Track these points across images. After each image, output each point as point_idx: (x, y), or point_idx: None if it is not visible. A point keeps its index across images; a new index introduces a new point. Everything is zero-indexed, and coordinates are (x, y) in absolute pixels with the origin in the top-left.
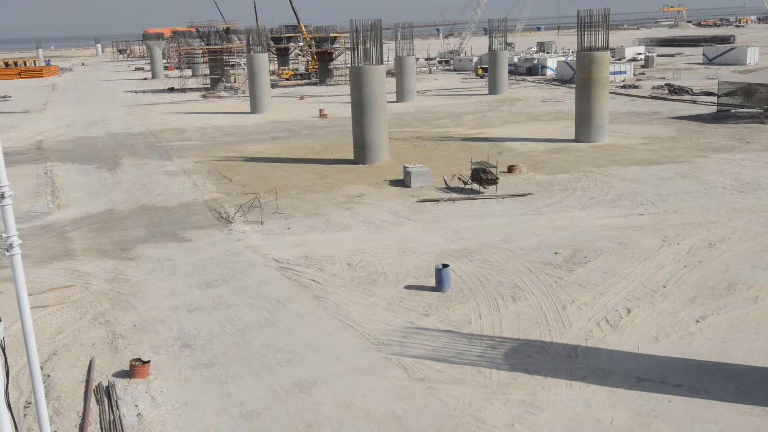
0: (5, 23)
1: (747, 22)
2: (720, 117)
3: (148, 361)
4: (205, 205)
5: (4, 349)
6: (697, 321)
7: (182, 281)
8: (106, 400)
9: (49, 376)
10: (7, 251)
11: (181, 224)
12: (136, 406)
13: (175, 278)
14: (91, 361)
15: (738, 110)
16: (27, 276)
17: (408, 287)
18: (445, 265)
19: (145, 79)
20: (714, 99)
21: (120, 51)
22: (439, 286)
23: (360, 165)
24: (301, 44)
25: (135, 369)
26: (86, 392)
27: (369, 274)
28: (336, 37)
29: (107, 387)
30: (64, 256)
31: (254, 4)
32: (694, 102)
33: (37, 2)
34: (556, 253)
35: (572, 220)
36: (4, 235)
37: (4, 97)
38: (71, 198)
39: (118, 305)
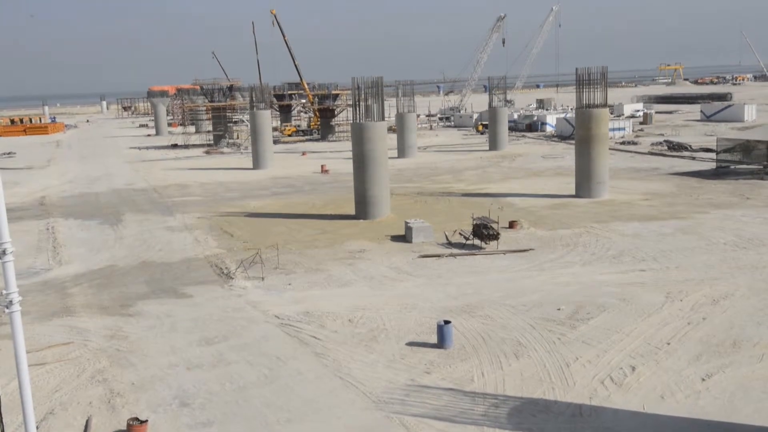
0: (12, 81)
1: (743, 80)
2: (719, 173)
3: (146, 421)
4: (207, 260)
5: None
6: (703, 379)
7: (182, 338)
8: None
9: None
10: (7, 308)
11: (182, 280)
12: None
13: (174, 335)
14: (87, 421)
15: (737, 166)
16: (26, 333)
17: (409, 344)
18: (446, 322)
19: (148, 135)
20: (713, 155)
21: (125, 108)
22: (441, 342)
23: (361, 220)
24: (304, 101)
25: (132, 429)
26: None
27: (370, 330)
28: (338, 94)
29: None
30: (64, 312)
31: (258, 62)
32: (693, 158)
33: (45, 61)
34: (558, 309)
35: (574, 276)
36: (4, 291)
37: (8, 153)
38: (72, 254)
39: (117, 363)
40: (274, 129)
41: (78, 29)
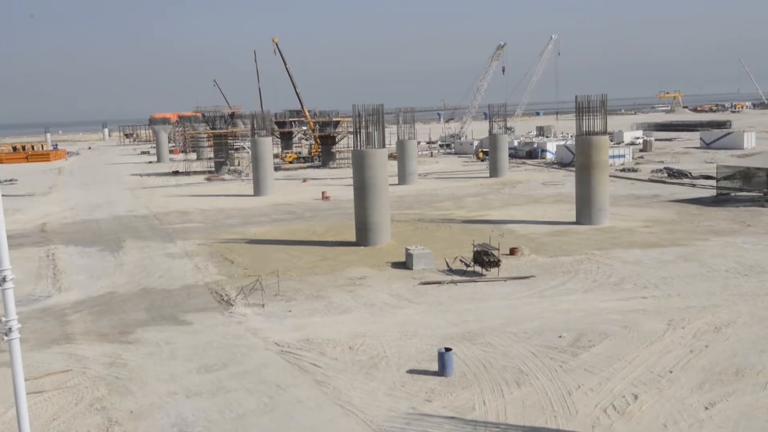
0: (15, 108)
1: (742, 107)
2: (720, 200)
3: None
4: (207, 287)
5: None
6: (707, 408)
7: (181, 365)
8: None
9: None
10: (6, 335)
11: (182, 307)
12: None
13: (174, 362)
14: None
15: (737, 194)
16: (24, 360)
17: (410, 371)
18: (447, 349)
19: (150, 162)
20: (713, 182)
21: (127, 135)
22: (442, 370)
23: (362, 247)
24: (305, 128)
25: None
26: None
27: (370, 357)
28: (339, 121)
29: None
30: (63, 339)
31: (259, 89)
32: (694, 185)
33: (47, 89)
34: (560, 336)
35: (575, 303)
36: (3, 318)
37: (10, 180)
38: (72, 281)
39: (116, 390)
40: (275, 156)
41: (81, 57)
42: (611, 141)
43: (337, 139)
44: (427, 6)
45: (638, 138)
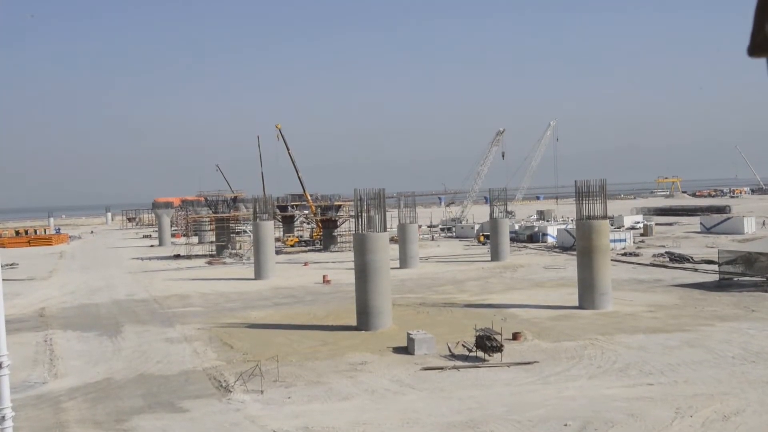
0: (19, 193)
1: (741, 193)
2: (723, 285)
3: None
4: (205, 373)
5: None
6: None
7: None
8: None
9: None
10: None
11: (179, 393)
12: None
13: None
14: None
15: (740, 278)
16: None
17: None
18: None
19: (152, 246)
20: (715, 267)
21: (129, 219)
22: None
23: (363, 331)
24: (306, 212)
25: None
26: None
27: None
28: (340, 205)
29: None
30: (57, 428)
31: (262, 174)
32: (696, 270)
33: (51, 174)
34: (565, 425)
35: (580, 390)
36: None
37: (11, 264)
38: (69, 366)
39: None
40: (277, 239)
41: (85, 143)
42: (611, 225)
43: (338, 223)
44: (428, 95)
45: (638, 222)
